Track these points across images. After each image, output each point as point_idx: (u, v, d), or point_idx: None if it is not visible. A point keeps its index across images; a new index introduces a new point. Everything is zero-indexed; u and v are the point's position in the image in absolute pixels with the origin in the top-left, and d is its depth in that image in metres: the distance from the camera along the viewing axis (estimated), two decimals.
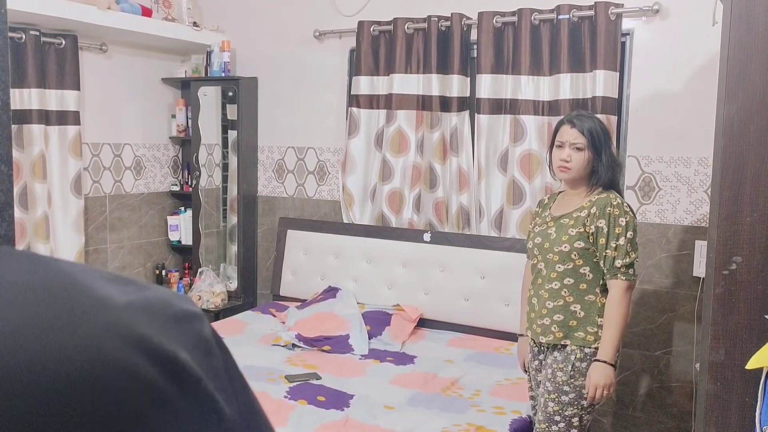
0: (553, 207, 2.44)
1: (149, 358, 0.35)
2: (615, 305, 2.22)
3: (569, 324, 2.28)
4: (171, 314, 0.40)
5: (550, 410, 2.29)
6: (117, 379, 0.34)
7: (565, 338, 2.29)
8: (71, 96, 3.70)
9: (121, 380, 0.34)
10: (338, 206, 3.90)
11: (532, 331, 2.40)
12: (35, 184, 3.56)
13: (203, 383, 0.38)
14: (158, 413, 0.35)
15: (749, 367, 1.33)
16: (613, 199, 2.26)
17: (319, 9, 3.91)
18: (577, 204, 2.34)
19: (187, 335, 0.40)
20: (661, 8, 3.08)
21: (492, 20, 3.33)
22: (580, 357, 2.26)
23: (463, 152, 3.51)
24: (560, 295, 2.30)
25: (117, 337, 0.35)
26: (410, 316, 3.43)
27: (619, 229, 2.22)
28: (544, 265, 2.35)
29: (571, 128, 2.31)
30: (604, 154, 2.30)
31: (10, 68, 0.98)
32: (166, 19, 4.05)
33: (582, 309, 2.28)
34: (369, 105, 3.73)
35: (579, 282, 2.28)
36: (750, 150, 1.56)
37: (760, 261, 1.56)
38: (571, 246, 2.27)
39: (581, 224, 2.27)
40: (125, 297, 0.38)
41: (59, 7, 3.35)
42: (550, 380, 2.30)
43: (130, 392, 0.34)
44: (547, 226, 2.38)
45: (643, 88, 3.17)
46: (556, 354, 2.31)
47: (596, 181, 2.31)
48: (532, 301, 2.41)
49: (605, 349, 2.21)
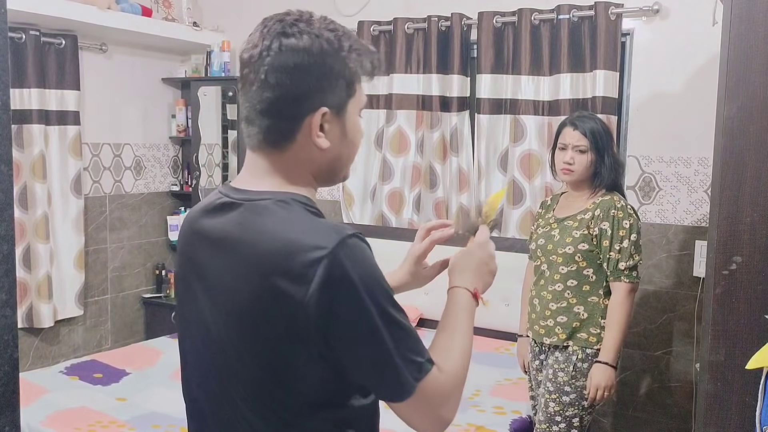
0: (557, 208, 2.44)
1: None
2: (618, 307, 2.23)
3: (573, 325, 2.29)
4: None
5: (551, 410, 2.29)
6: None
7: (568, 339, 2.30)
8: (71, 96, 3.70)
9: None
10: (338, 206, 3.90)
11: (533, 331, 2.40)
12: (35, 184, 3.56)
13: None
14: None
15: (749, 367, 1.33)
16: (617, 202, 2.26)
17: (319, 9, 3.83)
18: (580, 206, 2.34)
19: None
20: (661, 8, 3.07)
21: (492, 20, 3.33)
22: (581, 357, 2.27)
23: (463, 152, 3.51)
24: (564, 297, 2.30)
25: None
26: (410, 317, 3.44)
27: (623, 232, 2.23)
28: (547, 266, 2.35)
29: (574, 130, 2.32)
30: (607, 156, 2.31)
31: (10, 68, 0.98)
32: (166, 19, 4.05)
33: (585, 310, 2.28)
34: (369, 105, 3.72)
35: (582, 284, 2.29)
36: (750, 150, 1.56)
37: (760, 261, 1.56)
38: (575, 248, 2.27)
39: (585, 226, 2.28)
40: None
41: (59, 7, 3.35)
42: (551, 380, 2.31)
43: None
44: (551, 228, 2.38)
45: (643, 88, 3.16)
46: (557, 354, 2.32)
47: (599, 182, 2.32)
48: (533, 302, 2.41)
49: (607, 350, 2.22)
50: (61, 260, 3.76)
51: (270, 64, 0.98)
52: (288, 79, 0.98)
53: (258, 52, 0.99)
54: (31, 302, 3.63)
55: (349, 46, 1.01)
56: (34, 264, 3.60)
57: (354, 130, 1.06)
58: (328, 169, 1.07)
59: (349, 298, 0.94)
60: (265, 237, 0.98)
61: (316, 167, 1.05)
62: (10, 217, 0.99)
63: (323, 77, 0.99)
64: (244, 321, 1.00)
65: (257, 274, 0.97)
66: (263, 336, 0.98)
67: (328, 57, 0.99)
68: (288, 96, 0.99)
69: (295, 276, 0.93)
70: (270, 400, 1.01)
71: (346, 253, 0.94)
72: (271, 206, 1.00)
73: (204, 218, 1.08)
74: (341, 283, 0.93)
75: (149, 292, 4.34)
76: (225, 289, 1.02)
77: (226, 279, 1.01)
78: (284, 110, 1.00)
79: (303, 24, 1.00)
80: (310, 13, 1.03)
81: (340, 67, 1.00)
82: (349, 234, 0.96)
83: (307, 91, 0.99)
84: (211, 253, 1.04)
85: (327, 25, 1.02)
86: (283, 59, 0.98)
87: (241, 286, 0.99)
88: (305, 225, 0.98)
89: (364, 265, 0.96)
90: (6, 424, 0.99)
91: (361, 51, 1.03)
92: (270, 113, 1.00)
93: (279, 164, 1.04)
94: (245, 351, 1.01)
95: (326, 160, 1.05)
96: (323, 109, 1.00)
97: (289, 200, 1.01)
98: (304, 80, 0.98)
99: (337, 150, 1.04)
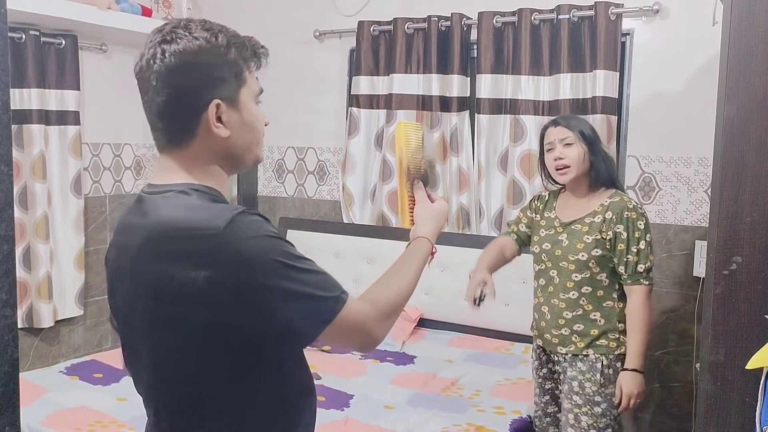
0: (558, 209, 2.35)
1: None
2: (639, 311, 2.17)
3: (590, 333, 2.23)
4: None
5: (584, 425, 2.22)
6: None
7: (587, 348, 2.23)
8: (71, 96, 3.70)
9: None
10: (338, 206, 3.90)
11: (543, 339, 2.35)
12: (35, 184, 3.56)
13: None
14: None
15: (749, 367, 1.33)
16: (628, 203, 2.20)
17: (319, 9, 3.91)
18: (587, 208, 2.26)
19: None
20: (661, 8, 3.08)
21: (492, 20, 3.33)
22: (606, 364, 2.21)
23: (463, 152, 3.51)
24: (579, 305, 2.24)
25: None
26: (410, 316, 3.43)
27: (639, 233, 2.17)
28: (556, 273, 2.28)
29: (556, 127, 2.27)
30: (597, 149, 2.24)
31: (10, 68, 0.98)
32: (166, 19, 4.05)
33: (602, 316, 2.23)
34: (369, 105, 3.73)
35: (596, 289, 2.23)
36: (750, 150, 1.56)
37: (760, 261, 1.56)
38: (588, 254, 2.20)
39: (597, 230, 2.20)
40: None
41: (59, 7, 3.35)
42: (578, 393, 2.23)
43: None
44: (556, 232, 2.30)
45: (643, 88, 3.17)
46: (579, 365, 2.24)
47: (596, 176, 2.24)
48: (542, 309, 2.34)
49: (634, 356, 2.16)
50: (61, 260, 3.76)
51: (158, 71, 1.07)
52: (176, 80, 1.08)
53: (145, 61, 1.09)
54: (31, 302, 3.63)
55: (225, 41, 1.11)
56: (34, 264, 3.60)
57: (251, 116, 1.16)
58: (234, 155, 1.16)
59: (245, 268, 1.01)
60: (161, 222, 1.08)
61: (221, 156, 1.15)
62: (10, 217, 0.99)
63: (207, 73, 1.09)
64: (147, 300, 1.09)
65: (153, 260, 1.06)
66: (162, 312, 1.08)
67: (207, 54, 1.09)
68: (180, 95, 1.09)
69: (189, 257, 1.02)
70: (174, 371, 1.11)
71: (235, 231, 1.02)
72: (171, 196, 1.10)
73: (125, 215, 1.20)
74: (234, 260, 1.01)
75: None
76: (132, 272, 1.11)
77: (130, 263, 1.12)
78: (180, 109, 1.10)
79: (180, 30, 1.09)
80: (188, 20, 1.12)
81: (221, 60, 1.10)
82: (238, 212, 1.05)
83: (196, 87, 1.09)
84: (125, 240, 1.15)
85: (203, 26, 1.11)
86: (167, 64, 1.07)
87: (143, 273, 1.08)
88: (199, 209, 1.07)
89: (255, 236, 1.04)
90: (6, 424, 0.99)
91: (238, 43, 1.13)
92: (167, 115, 1.10)
93: (183, 161, 1.13)
94: (150, 326, 1.11)
95: (229, 148, 1.14)
96: (216, 101, 1.09)
97: (188, 189, 1.11)
98: (190, 79, 1.08)
99: (238, 137, 1.14)
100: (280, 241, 1.06)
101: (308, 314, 1.06)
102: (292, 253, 1.06)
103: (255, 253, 1.02)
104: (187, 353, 1.09)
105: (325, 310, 1.07)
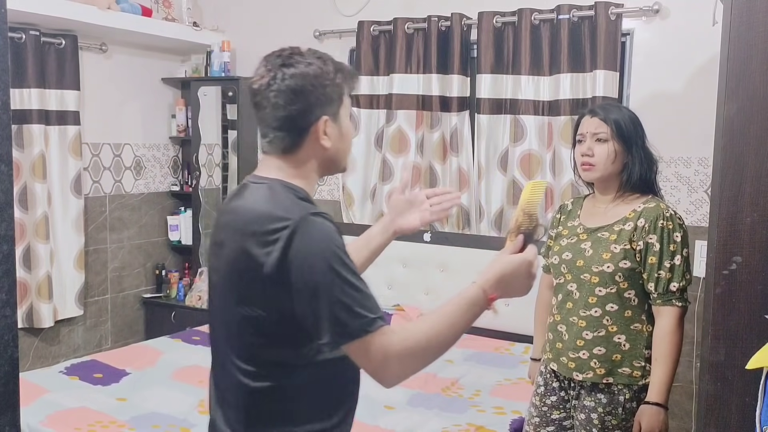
0: (583, 215, 2.06)
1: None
2: (669, 337, 1.87)
3: (612, 358, 1.92)
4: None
5: None
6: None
7: (607, 375, 1.92)
8: (71, 96, 3.70)
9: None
10: (338, 206, 3.90)
11: (559, 363, 2.01)
12: (35, 184, 3.56)
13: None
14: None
15: (749, 367, 1.33)
16: (665, 210, 1.90)
17: (319, 9, 3.91)
18: (616, 213, 1.96)
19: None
20: (661, 8, 3.08)
21: (492, 20, 3.33)
22: (629, 397, 1.92)
23: (463, 152, 3.51)
24: (602, 324, 1.92)
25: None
26: (410, 316, 3.43)
27: (674, 246, 1.87)
28: (576, 286, 1.97)
29: (592, 117, 1.97)
30: (636, 148, 1.93)
31: (10, 68, 0.98)
32: (166, 19, 4.05)
33: (627, 340, 1.92)
34: (369, 105, 3.73)
35: (624, 308, 1.92)
36: (750, 150, 1.56)
37: (760, 261, 1.56)
38: (615, 266, 1.89)
39: (626, 239, 1.90)
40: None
41: (59, 7, 3.35)
42: (597, 427, 1.94)
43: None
44: (579, 239, 1.99)
45: (643, 88, 3.17)
46: (599, 396, 1.94)
47: (627, 180, 1.95)
48: (557, 329, 2.02)
49: (658, 389, 1.87)
50: (61, 260, 3.76)
51: (278, 90, 1.25)
52: (294, 99, 1.25)
53: (266, 81, 1.26)
54: (31, 302, 3.63)
55: (332, 67, 1.29)
56: (34, 264, 3.60)
57: (347, 129, 1.36)
58: (332, 162, 1.35)
59: (304, 262, 1.17)
60: (248, 208, 1.26)
61: (320, 162, 1.33)
62: (10, 217, 0.99)
63: (320, 93, 1.27)
64: (227, 275, 1.27)
65: (239, 236, 1.24)
66: (238, 288, 1.24)
67: (320, 78, 1.26)
68: (297, 112, 1.26)
69: (263, 240, 1.19)
70: (242, 342, 1.26)
71: (306, 226, 1.18)
72: (263, 188, 1.28)
73: (229, 196, 1.39)
74: (299, 249, 1.17)
75: (149, 292, 4.34)
76: (223, 247, 1.28)
77: (224, 236, 1.29)
78: (296, 123, 1.27)
79: (297, 56, 1.27)
80: (299, 48, 1.30)
81: (330, 83, 1.28)
82: (313, 212, 1.21)
83: (310, 106, 1.27)
84: (223, 218, 1.34)
85: (314, 54, 1.29)
86: (287, 84, 1.24)
87: (229, 245, 1.26)
88: (280, 202, 1.24)
89: (321, 237, 1.19)
90: (6, 424, 0.99)
91: (343, 69, 1.32)
92: (284, 128, 1.28)
93: (286, 163, 1.31)
94: (228, 299, 1.26)
95: (329, 156, 1.33)
96: (324, 117, 1.28)
97: (277, 185, 1.28)
98: (306, 98, 1.26)
99: (337, 146, 1.33)
100: (340, 251, 1.19)
101: (338, 323, 1.16)
102: (348, 265, 1.19)
103: (314, 252, 1.17)
104: (247, 330, 1.23)
105: (356, 326, 1.16)
